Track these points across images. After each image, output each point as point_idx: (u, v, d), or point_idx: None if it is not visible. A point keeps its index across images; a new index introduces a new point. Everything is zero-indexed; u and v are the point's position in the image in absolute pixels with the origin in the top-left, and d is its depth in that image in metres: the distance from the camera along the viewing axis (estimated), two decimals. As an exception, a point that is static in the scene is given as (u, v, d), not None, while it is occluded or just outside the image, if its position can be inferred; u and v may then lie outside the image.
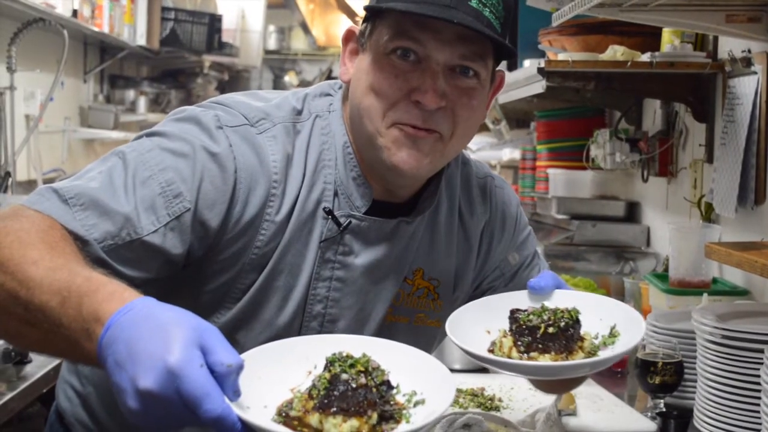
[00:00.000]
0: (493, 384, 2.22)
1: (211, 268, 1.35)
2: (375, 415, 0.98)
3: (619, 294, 2.87)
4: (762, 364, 1.64)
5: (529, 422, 1.86)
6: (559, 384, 1.53)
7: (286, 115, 1.39)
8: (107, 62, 5.60)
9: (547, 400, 2.07)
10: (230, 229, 1.32)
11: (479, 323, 1.32)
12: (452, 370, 2.47)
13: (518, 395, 2.15)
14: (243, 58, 7.41)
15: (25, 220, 1.17)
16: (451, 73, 1.32)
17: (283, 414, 1.00)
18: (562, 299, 1.33)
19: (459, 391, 2.14)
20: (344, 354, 1.03)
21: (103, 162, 1.31)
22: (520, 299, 1.36)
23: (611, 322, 1.29)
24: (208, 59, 6.57)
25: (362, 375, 1.00)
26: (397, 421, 1.01)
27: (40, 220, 1.18)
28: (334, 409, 0.98)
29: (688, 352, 1.99)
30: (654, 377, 1.98)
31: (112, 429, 1.52)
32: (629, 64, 2.53)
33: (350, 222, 1.38)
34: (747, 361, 1.74)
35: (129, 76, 6.21)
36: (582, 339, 1.24)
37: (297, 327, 1.40)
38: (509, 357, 1.24)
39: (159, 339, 0.91)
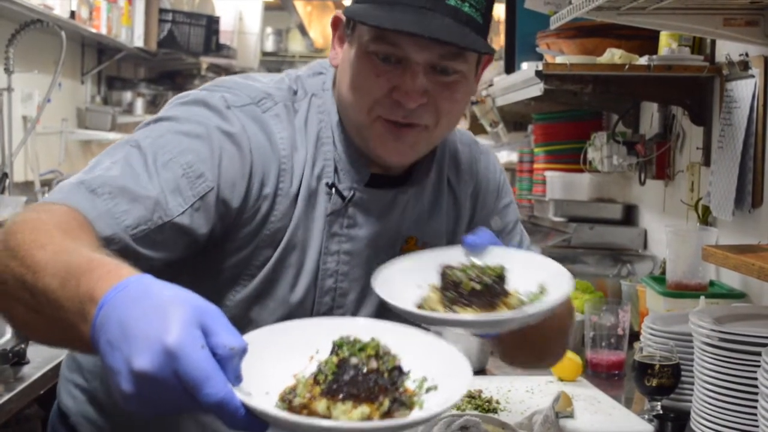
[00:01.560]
0: (490, 386, 2.22)
1: (229, 246, 1.37)
2: (387, 402, 0.93)
3: (617, 296, 2.87)
4: (759, 366, 1.64)
5: (527, 424, 1.86)
6: (511, 347, 1.54)
7: (285, 95, 1.42)
8: (105, 64, 5.60)
9: (544, 402, 2.07)
10: (249, 207, 1.35)
11: (412, 278, 1.29)
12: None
13: (515, 397, 2.15)
14: (240, 60, 7.40)
15: (45, 212, 1.15)
16: (432, 70, 1.33)
17: (287, 401, 0.95)
18: (497, 256, 1.31)
19: (456, 393, 2.13)
20: (352, 338, 0.97)
21: (113, 153, 1.30)
22: (455, 255, 1.32)
23: (541, 280, 1.28)
24: (205, 61, 6.56)
25: (373, 359, 0.94)
26: (409, 408, 0.96)
27: (62, 211, 1.16)
28: (344, 395, 0.92)
29: (685, 355, 1.99)
30: (651, 380, 1.98)
31: (121, 421, 1.52)
32: (627, 67, 2.54)
33: (354, 194, 1.41)
34: (744, 364, 1.74)
35: (126, 77, 6.21)
36: (508, 295, 1.23)
37: (310, 303, 1.43)
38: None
39: (156, 318, 0.85)
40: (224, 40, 6.75)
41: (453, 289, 1.21)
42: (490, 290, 1.20)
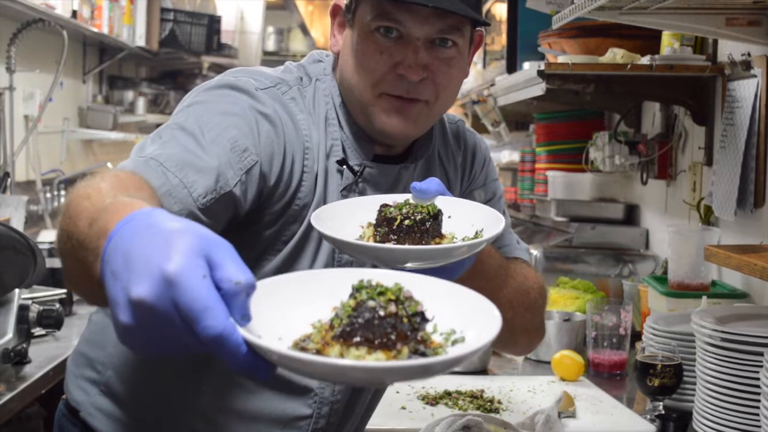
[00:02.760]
0: (492, 386, 2.22)
1: (261, 222, 1.42)
2: (405, 350, 0.83)
3: (619, 296, 2.87)
4: (761, 366, 1.64)
5: (529, 424, 1.86)
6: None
7: (295, 80, 1.49)
8: (106, 63, 5.59)
9: (546, 402, 2.08)
10: (283, 183, 1.41)
11: (355, 218, 1.29)
12: (452, 372, 2.48)
13: (518, 397, 2.15)
14: (242, 60, 7.41)
15: (108, 174, 1.13)
16: (432, 45, 1.41)
17: (300, 347, 0.86)
18: (441, 203, 1.31)
19: (458, 393, 2.14)
20: (374, 282, 0.88)
21: (155, 139, 1.33)
22: (401, 199, 1.32)
23: (480, 227, 1.28)
24: (206, 60, 6.56)
25: (392, 304, 0.85)
26: None
27: (125, 175, 1.16)
28: (357, 339, 0.83)
29: (687, 355, 1.99)
30: (653, 380, 1.98)
31: (138, 408, 1.54)
32: (629, 66, 2.54)
33: (364, 168, 1.48)
34: (746, 364, 1.74)
35: (128, 76, 6.21)
36: (442, 236, 1.24)
37: None
38: None
39: (159, 246, 0.80)
40: (226, 39, 6.75)
41: (385, 225, 1.22)
42: (422, 228, 1.21)
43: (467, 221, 1.29)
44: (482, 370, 2.39)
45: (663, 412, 1.99)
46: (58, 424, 1.63)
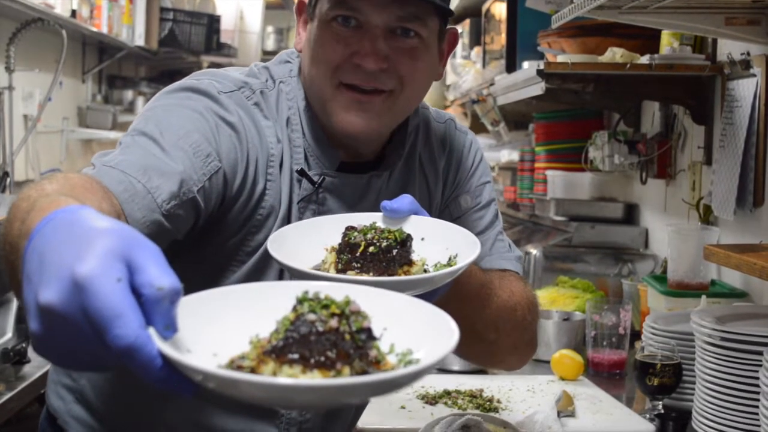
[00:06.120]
0: (491, 385, 2.22)
1: (222, 231, 1.36)
2: (346, 370, 0.75)
3: (618, 296, 2.87)
4: (761, 366, 1.64)
5: (528, 423, 1.87)
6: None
7: (259, 84, 1.43)
8: (105, 62, 5.60)
9: (545, 401, 2.08)
10: (246, 190, 1.35)
11: (319, 239, 1.21)
12: (451, 372, 2.48)
13: (517, 396, 2.15)
14: (241, 59, 7.40)
15: (60, 176, 1.04)
16: (392, 35, 1.33)
17: (236, 365, 0.78)
18: (413, 224, 1.23)
19: (458, 392, 2.14)
20: (321, 295, 0.80)
21: (117, 146, 1.28)
22: (371, 219, 1.22)
23: (454, 251, 1.19)
24: (206, 60, 6.56)
25: (334, 318, 0.77)
26: None
27: (78, 177, 1.08)
28: (292, 356, 0.74)
29: (686, 354, 1.99)
30: (652, 379, 1.98)
31: (109, 419, 1.51)
32: (628, 66, 2.54)
33: (324, 179, 1.40)
34: (746, 363, 1.74)
35: (127, 76, 6.22)
36: (411, 263, 1.14)
37: None
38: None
39: (75, 246, 0.72)
40: (225, 38, 6.76)
41: (348, 251, 1.12)
42: (387, 256, 1.12)
43: (442, 244, 1.20)
44: (481, 370, 2.39)
45: (662, 411, 1.99)
46: (41, 429, 1.61)
